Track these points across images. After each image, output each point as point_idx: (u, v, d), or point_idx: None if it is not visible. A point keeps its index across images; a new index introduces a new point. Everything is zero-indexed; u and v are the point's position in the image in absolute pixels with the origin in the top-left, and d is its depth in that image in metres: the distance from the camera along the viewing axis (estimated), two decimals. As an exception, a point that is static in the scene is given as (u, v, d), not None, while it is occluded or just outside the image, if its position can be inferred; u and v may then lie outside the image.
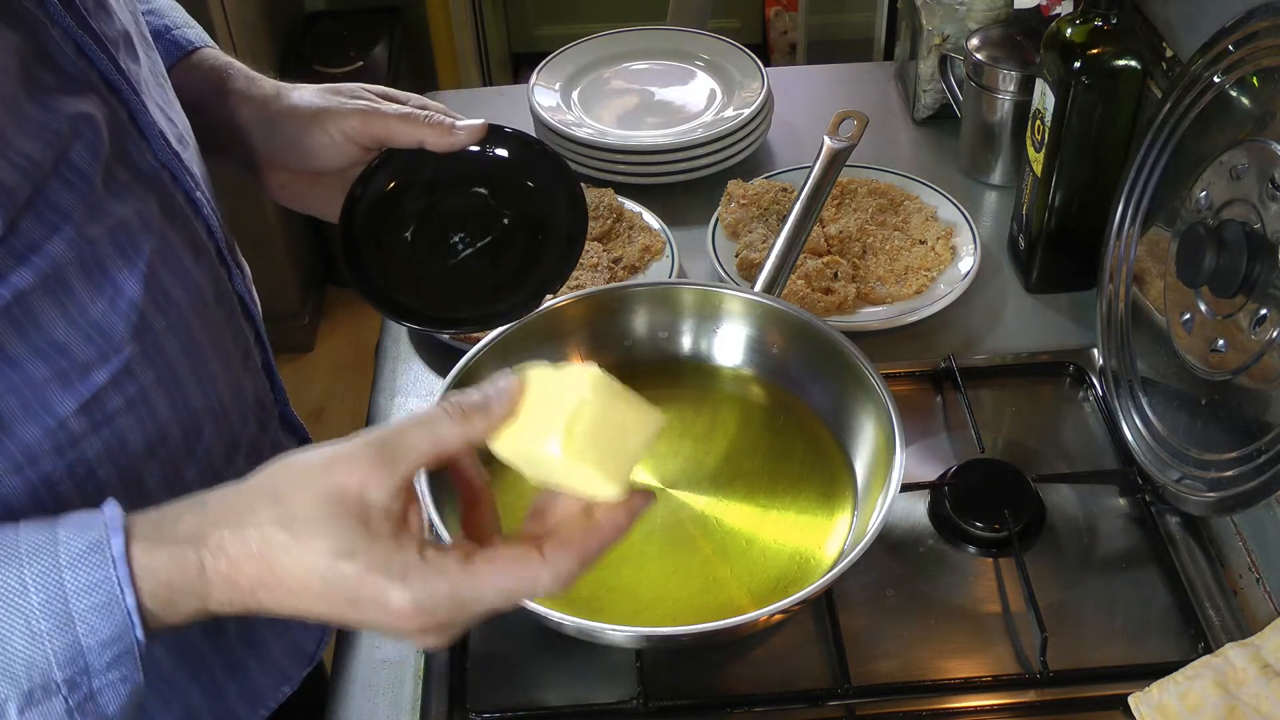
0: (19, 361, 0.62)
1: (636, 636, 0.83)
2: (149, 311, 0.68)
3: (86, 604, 0.56)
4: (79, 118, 0.62)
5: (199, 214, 0.74)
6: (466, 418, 0.58)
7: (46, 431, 0.65)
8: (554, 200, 0.86)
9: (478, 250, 0.84)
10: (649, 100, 1.41)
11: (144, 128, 0.69)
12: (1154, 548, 0.93)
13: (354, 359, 2.60)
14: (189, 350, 0.72)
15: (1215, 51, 0.88)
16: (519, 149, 0.85)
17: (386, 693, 0.87)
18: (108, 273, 0.66)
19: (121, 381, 0.68)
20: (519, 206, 0.86)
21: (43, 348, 0.63)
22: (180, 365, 0.72)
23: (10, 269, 0.60)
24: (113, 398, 0.67)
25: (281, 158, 0.84)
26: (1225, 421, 0.85)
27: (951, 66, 1.35)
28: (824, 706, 0.84)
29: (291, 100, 0.83)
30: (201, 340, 0.73)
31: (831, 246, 1.19)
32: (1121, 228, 1.00)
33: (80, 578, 0.56)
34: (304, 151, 0.83)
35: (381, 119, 0.82)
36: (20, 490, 0.65)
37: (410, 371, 1.13)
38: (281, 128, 0.82)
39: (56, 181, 0.61)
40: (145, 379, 0.69)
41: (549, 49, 1.47)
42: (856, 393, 0.93)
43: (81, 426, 0.66)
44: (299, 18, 2.75)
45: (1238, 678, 0.80)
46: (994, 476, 0.98)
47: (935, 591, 0.92)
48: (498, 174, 0.85)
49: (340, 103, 0.82)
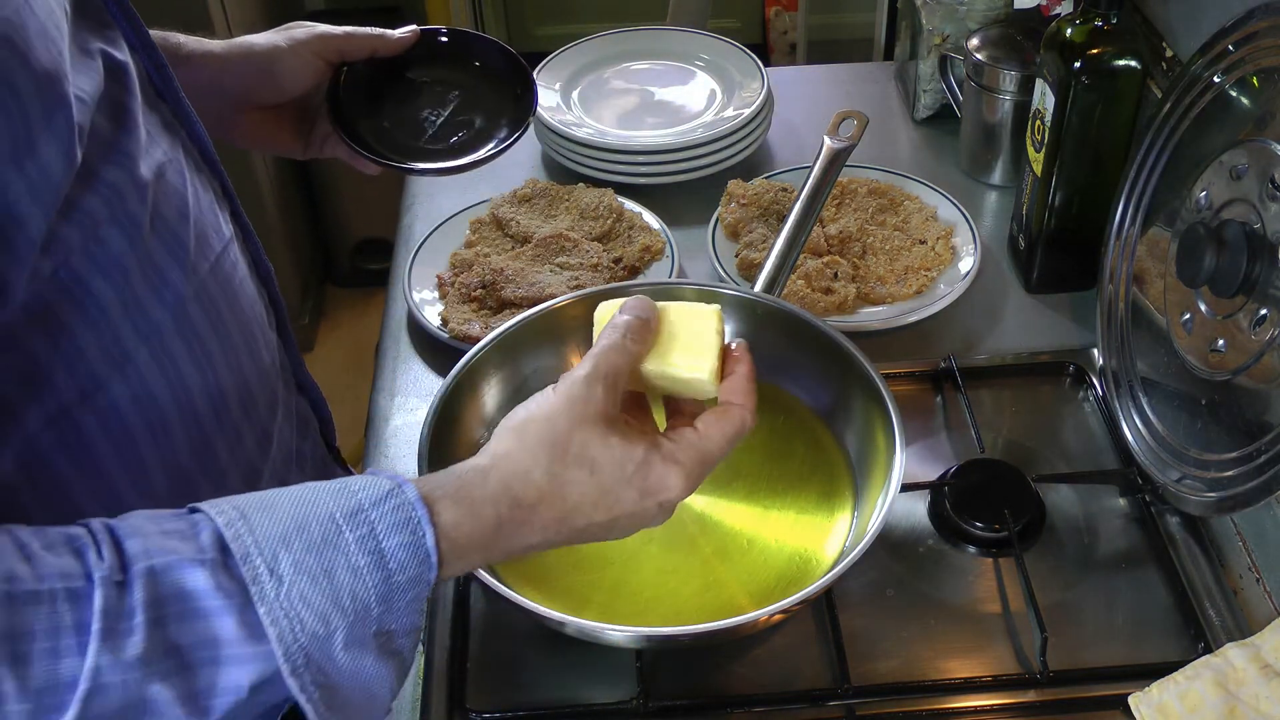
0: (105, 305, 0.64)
1: (636, 636, 0.83)
2: (196, 258, 0.70)
3: (395, 543, 0.57)
4: (115, 62, 0.65)
5: (216, 170, 0.77)
6: (640, 339, 0.70)
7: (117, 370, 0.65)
8: (498, 70, 1.01)
9: (445, 120, 0.98)
10: (649, 100, 1.41)
11: (166, 79, 0.73)
12: (1154, 548, 0.94)
13: (354, 359, 2.60)
14: (228, 298, 0.74)
15: (1215, 51, 0.88)
16: (455, 39, 1.01)
17: (387, 693, 0.87)
18: (166, 220, 0.68)
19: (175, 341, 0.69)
20: (471, 82, 1.00)
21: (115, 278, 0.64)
22: (223, 310, 0.73)
23: (82, 197, 0.61)
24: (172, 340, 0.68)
25: (256, 95, 0.93)
26: (1225, 421, 0.85)
27: (951, 66, 1.35)
28: (824, 706, 0.84)
29: (248, 44, 0.92)
30: (236, 290, 0.75)
31: (831, 246, 1.19)
32: (1121, 228, 1.00)
33: (386, 518, 0.57)
34: (280, 79, 0.92)
35: (336, 36, 0.94)
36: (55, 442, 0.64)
37: (410, 371, 1.13)
38: (251, 67, 0.91)
39: (102, 116, 0.63)
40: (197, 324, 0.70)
41: (549, 49, 1.47)
42: (856, 393, 0.93)
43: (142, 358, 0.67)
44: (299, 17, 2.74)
45: (1238, 678, 0.80)
46: (994, 476, 0.98)
47: (935, 591, 0.92)
48: (445, 60, 1.00)
49: (298, 32, 0.94)
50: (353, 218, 2.69)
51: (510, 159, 1.39)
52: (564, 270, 1.17)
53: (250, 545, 0.55)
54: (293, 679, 0.54)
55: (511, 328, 0.96)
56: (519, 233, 1.23)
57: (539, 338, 0.97)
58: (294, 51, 0.92)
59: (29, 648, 0.50)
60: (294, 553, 0.55)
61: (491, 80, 1.01)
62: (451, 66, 1.00)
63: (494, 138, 0.98)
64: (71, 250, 0.61)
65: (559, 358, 0.99)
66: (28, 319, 0.60)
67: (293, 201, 2.59)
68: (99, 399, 0.65)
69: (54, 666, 0.50)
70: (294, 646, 0.54)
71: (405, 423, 1.07)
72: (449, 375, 0.92)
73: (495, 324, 1.06)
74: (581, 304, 0.99)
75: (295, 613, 0.54)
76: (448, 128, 0.98)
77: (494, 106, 1.00)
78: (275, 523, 0.56)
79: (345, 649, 0.56)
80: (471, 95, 1.00)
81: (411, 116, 0.98)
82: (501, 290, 1.13)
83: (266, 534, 0.55)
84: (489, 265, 1.15)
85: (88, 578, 0.52)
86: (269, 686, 0.54)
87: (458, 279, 1.16)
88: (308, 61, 0.93)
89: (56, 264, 0.61)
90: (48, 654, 0.50)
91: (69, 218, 0.60)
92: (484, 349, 0.94)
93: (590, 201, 1.25)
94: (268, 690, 0.54)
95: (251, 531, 0.55)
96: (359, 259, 2.75)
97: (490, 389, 0.96)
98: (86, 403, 0.65)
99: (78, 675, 0.50)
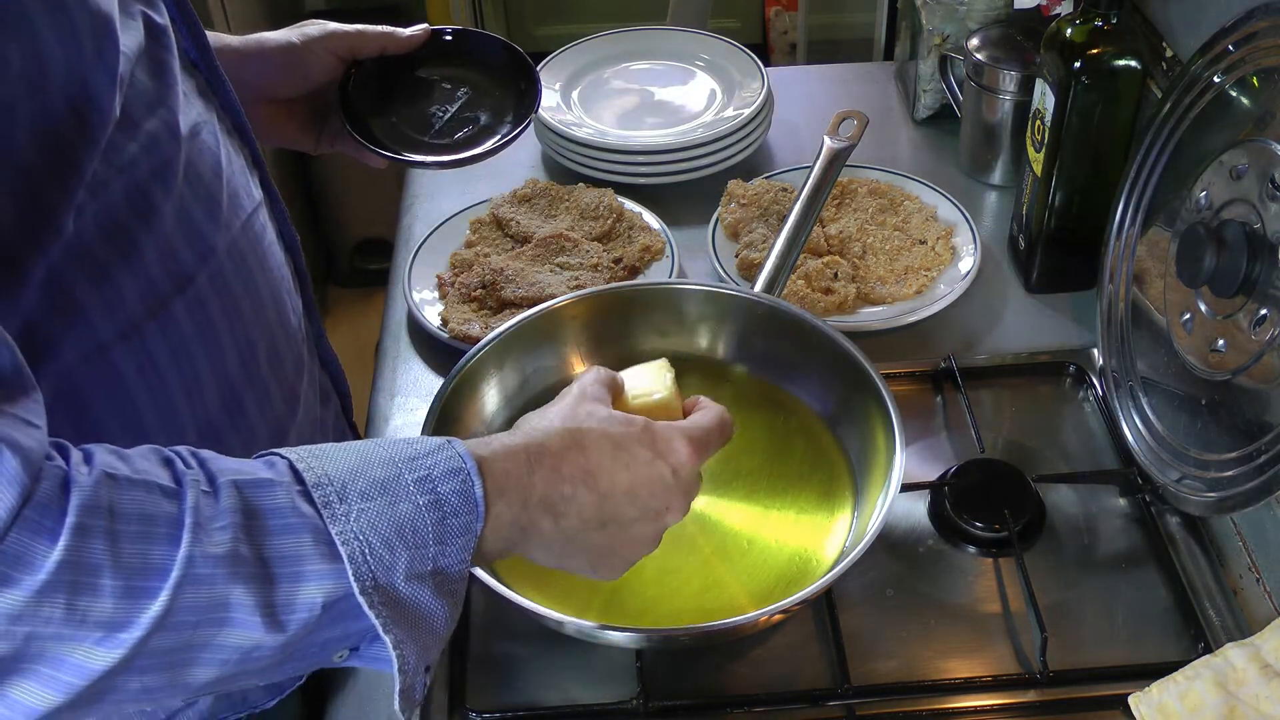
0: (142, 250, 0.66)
1: (636, 636, 0.83)
2: (229, 215, 0.73)
3: (448, 488, 0.60)
4: (156, 25, 0.69)
5: (246, 137, 0.80)
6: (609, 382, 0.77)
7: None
8: (503, 66, 1.03)
9: (452, 115, 1.01)
10: (649, 100, 1.41)
11: (202, 48, 0.75)
12: (1154, 548, 0.93)
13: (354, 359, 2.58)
14: (258, 256, 0.76)
15: (1215, 51, 0.88)
16: (462, 38, 1.03)
17: (387, 693, 0.87)
18: (201, 176, 0.70)
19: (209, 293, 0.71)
20: (477, 78, 1.03)
21: (153, 225, 0.66)
22: (254, 269, 0.75)
23: (124, 145, 0.64)
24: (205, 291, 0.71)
25: (272, 89, 0.95)
26: (1225, 421, 0.85)
27: (951, 66, 1.35)
28: (824, 706, 0.84)
29: (263, 40, 0.94)
30: (265, 251, 0.78)
31: (831, 246, 1.19)
32: (1121, 228, 1.00)
33: (440, 465, 0.61)
34: (295, 74, 0.95)
35: (348, 34, 0.96)
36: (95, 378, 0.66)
37: (410, 371, 1.13)
38: (268, 62, 0.94)
39: (143, 71, 0.66)
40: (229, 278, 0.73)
41: (549, 49, 1.47)
42: (857, 393, 0.92)
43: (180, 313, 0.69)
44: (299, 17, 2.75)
45: (1238, 678, 0.80)
46: (994, 476, 0.98)
47: (935, 591, 0.92)
48: (452, 58, 1.03)
49: (311, 29, 0.96)
50: (353, 218, 2.69)
51: (510, 159, 1.39)
52: (564, 270, 1.17)
53: (321, 475, 0.58)
54: (363, 598, 0.56)
55: (511, 328, 0.96)
56: (519, 233, 1.23)
57: (539, 338, 0.98)
58: (308, 48, 0.95)
59: (125, 527, 0.52)
60: (360, 487, 0.58)
61: (497, 77, 1.03)
62: (459, 64, 1.02)
63: (498, 132, 1.00)
64: (112, 195, 0.63)
65: (559, 358, 0.99)
66: (69, 259, 0.62)
67: (293, 201, 2.59)
68: (135, 342, 0.67)
69: (147, 550, 0.52)
70: (364, 568, 0.57)
71: (405, 423, 1.07)
72: (449, 375, 0.92)
73: (495, 324, 1.07)
74: (581, 304, 0.99)
75: (364, 537, 0.57)
76: (454, 123, 1.00)
77: (499, 102, 1.02)
78: (341, 462, 0.59)
79: (406, 580, 0.58)
80: (478, 92, 1.02)
81: (419, 112, 1.00)
82: (501, 290, 1.13)
83: (335, 469, 0.59)
84: (489, 265, 1.15)
85: (178, 480, 0.55)
86: (339, 607, 0.57)
87: (458, 279, 1.16)
88: (321, 57, 0.95)
89: (99, 207, 0.63)
90: (142, 537, 0.52)
91: (110, 162, 0.63)
92: (484, 349, 0.94)
93: (590, 201, 1.25)
94: (336, 611, 0.57)
95: (321, 465, 0.59)
96: (359, 259, 2.75)
97: (490, 389, 0.96)
98: (123, 344, 0.66)
99: (170, 563, 0.52)
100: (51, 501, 0.51)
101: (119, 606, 0.51)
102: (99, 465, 0.53)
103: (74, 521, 0.51)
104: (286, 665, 0.59)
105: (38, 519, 0.50)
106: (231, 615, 0.54)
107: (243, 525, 0.55)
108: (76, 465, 0.53)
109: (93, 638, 0.51)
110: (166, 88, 0.68)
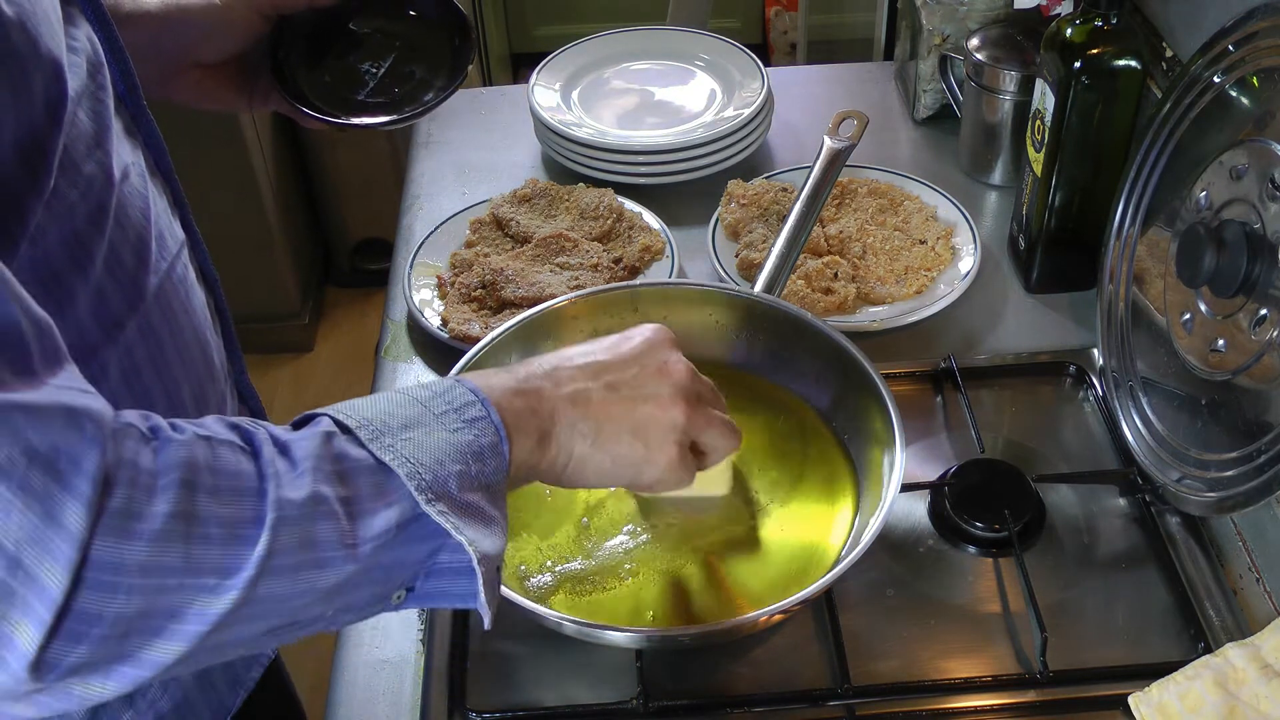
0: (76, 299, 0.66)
1: (636, 636, 0.83)
2: (156, 259, 0.72)
3: (470, 415, 0.65)
4: (95, 61, 0.67)
5: (169, 179, 0.78)
6: None
7: None
8: (437, 20, 1.01)
9: (385, 71, 0.99)
10: (649, 100, 1.41)
11: (131, 85, 0.73)
12: (1154, 548, 0.93)
13: (354, 359, 2.60)
14: (182, 300, 0.76)
15: (1215, 51, 0.88)
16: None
17: (386, 693, 0.87)
18: (130, 219, 0.69)
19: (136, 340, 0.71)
20: (409, 30, 1.01)
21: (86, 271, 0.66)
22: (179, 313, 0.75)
23: (63, 189, 0.63)
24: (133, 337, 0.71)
25: (195, 53, 0.92)
26: (1225, 421, 0.85)
27: (951, 66, 1.35)
28: (824, 706, 0.84)
29: (183, 3, 0.91)
30: (189, 293, 0.77)
31: (831, 246, 1.19)
32: (1121, 228, 1.00)
33: (457, 400, 0.65)
34: (217, 37, 0.92)
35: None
36: None
37: (410, 371, 1.13)
38: (189, 25, 0.91)
39: (84, 112, 0.65)
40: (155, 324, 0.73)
41: (549, 49, 1.47)
42: (857, 393, 0.93)
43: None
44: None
45: (1238, 678, 0.80)
46: (994, 476, 0.98)
47: (935, 591, 0.92)
48: (383, 10, 1.01)
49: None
50: (353, 218, 2.69)
51: (510, 159, 1.40)
52: (564, 270, 1.17)
53: (361, 419, 0.62)
54: (429, 507, 0.60)
55: (511, 328, 0.96)
56: (519, 233, 1.23)
57: (539, 338, 0.97)
58: (230, 6, 0.92)
59: (221, 482, 0.56)
60: (396, 424, 0.63)
61: (431, 30, 1.01)
62: (390, 17, 1.01)
63: (433, 88, 0.98)
64: (49, 243, 0.62)
65: (559, 358, 0.99)
66: None
67: (293, 202, 2.59)
68: None
69: (240, 500, 0.56)
70: (422, 483, 0.60)
71: (405, 423, 1.07)
72: (449, 375, 0.92)
73: (495, 324, 1.06)
74: (581, 304, 0.99)
75: (415, 459, 0.61)
76: (388, 80, 0.98)
77: (433, 57, 1.00)
78: (371, 408, 0.63)
79: (460, 492, 0.62)
80: (410, 46, 1.00)
81: (351, 69, 0.98)
82: (501, 290, 1.13)
83: (369, 413, 0.63)
84: (489, 265, 1.15)
85: (249, 439, 0.59)
86: (410, 529, 0.61)
87: (458, 279, 1.16)
88: (245, 15, 0.93)
89: (37, 255, 0.62)
90: (234, 490, 0.56)
91: (51, 210, 0.62)
92: (484, 349, 0.94)
93: (590, 201, 1.25)
94: (407, 534, 0.61)
95: (358, 412, 0.63)
96: (359, 259, 2.75)
97: (490, 389, 0.96)
98: None
99: (263, 511, 0.56)
100: (147, 459, 0.54)
101: (226, 553, 0.55)
102: (189, 428, 0.57)
103: (178, 477, 0.54)
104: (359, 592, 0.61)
105: (135, 476, 0.53)
106: (321, 553, 0.58)
107: (313, 469, 0.59)
108: (165, 429, 0.57)
109: (208, 585, 0.55)
110: (104, 129, 0.67)
